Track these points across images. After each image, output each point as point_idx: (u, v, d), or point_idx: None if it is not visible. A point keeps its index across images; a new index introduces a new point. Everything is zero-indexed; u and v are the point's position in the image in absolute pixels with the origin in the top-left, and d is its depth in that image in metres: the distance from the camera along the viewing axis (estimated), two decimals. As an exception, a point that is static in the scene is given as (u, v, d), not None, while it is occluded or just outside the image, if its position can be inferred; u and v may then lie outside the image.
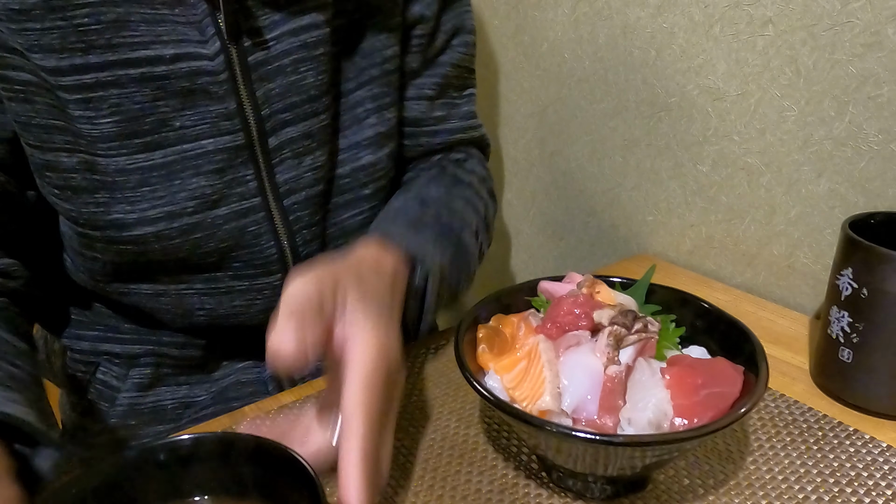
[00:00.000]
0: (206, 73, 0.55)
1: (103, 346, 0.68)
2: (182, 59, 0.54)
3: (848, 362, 0.54)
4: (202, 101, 0.55)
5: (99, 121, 0.53)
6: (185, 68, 0.54)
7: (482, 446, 0.52)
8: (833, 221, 0.67)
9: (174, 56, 0.54)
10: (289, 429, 0.41)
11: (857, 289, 0.52)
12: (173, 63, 0.54)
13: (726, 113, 0.73)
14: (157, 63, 0.53)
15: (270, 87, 0.58)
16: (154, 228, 0.57)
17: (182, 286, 0.62)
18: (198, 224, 0.58)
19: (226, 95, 0.56)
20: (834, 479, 0.48)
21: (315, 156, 0.62)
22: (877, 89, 0.61)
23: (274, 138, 0.59)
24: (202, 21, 0.54)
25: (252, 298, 0.64)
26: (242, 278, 0.63)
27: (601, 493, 0.46)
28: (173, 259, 0.59)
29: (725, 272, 0.78)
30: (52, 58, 0.51)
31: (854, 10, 0.61)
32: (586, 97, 0.88)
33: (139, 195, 0.56)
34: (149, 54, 0.53)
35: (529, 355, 0.46)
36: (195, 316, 0.64)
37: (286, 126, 0.59)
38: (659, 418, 0.43)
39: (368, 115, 0.64)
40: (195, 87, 0.55)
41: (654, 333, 0.47)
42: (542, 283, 0.55)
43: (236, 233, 0.60)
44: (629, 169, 0.86)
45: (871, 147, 0.63)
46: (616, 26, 0.81)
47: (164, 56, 0.53)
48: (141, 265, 0.60)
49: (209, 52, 0.54)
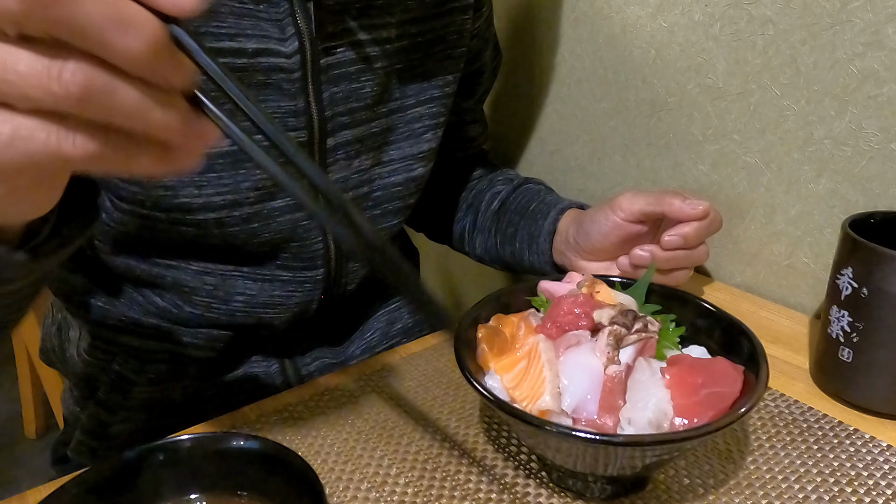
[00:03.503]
0: (282, 70, 0.57)
1: (122, 338, 0.68)
2: (262, 54, 0.56)
3: (848, 362, 0.54)
4: (273, 96, 0.58)
5: None
6: (265, 63, 0.57)
7: (482, 446, 0.52)
8: (833, 221, 0.67)
9: (256, 50, 0.56)
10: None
11: (857, 288, 0.52)
12: (254, 57, 0.56)
13: (726, 112, 0.73)
14: (240, 55, 0.56)
15: (335, 91, 0.61)
16: (216, 215, 0.59)
17: (230, 267, 0.64)
18: (256, 213, 0.61)
19: (296, 94, 0.59)
20: (834, 479, 0.48)
21: (361, 160, 0.66)
22: (877, 88, 0.61)
23: (332, 139, 0.63)
24: (283, 20, 0.56)
25: (293, 290, 0.67)
26: (288, 269, 0.66)
27: (601, 493, 0.46)
28: (230, 244, 0.62)
29: (725, 272, 0.78)
30: None
31: (854, 10, 0.61)
32: (586, 97, 0.88)
33: (206, 181, 0.58)
34: (233, 46, 0.55)
35: (529, 355, 0.46)
36: (233, 301, 0.65)
37: (344, 129, 0.63)
38: (659, 418, 0.43)
39: (426, 132, 0.69)
40: (269, 82, 0.57)
41: (654, 333, 0.47)
42: (542, 283, 0.55)
43: (289, 225, 0.63)
44: (629, 169, 0.85)
45: (872, 146, 0.63)
46: (616, 26, 0.81)
47: (247, 49, 0.56)
48: (196, 245, 0.62)
49: (287, 50, 0.57)
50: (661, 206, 0.62)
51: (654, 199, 0.62)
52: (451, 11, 0.69)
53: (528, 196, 0.78)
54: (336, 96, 0.61)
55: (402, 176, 0.69)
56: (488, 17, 0.78)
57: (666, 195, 0.62)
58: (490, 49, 0.80)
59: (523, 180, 0.82)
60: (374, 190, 0.68)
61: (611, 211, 0.64)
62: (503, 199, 0.80)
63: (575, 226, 0.69)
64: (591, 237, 0.66)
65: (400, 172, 0.69)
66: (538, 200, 0.77)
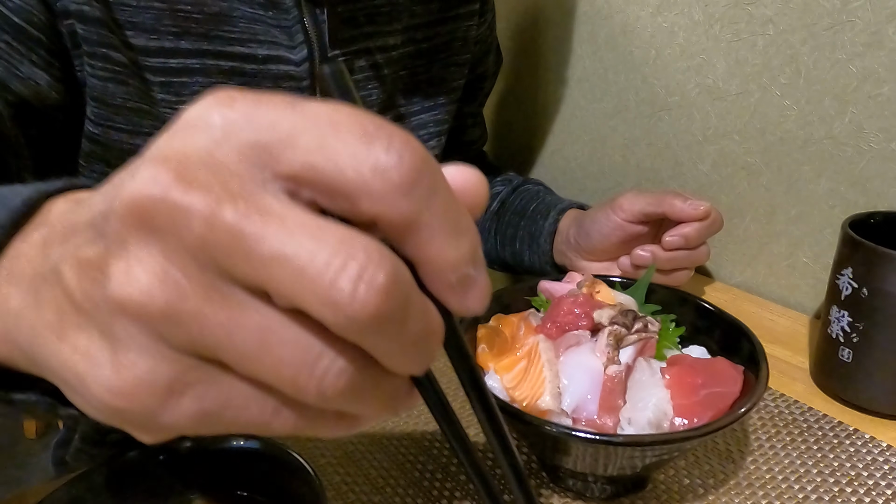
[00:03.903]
0: (291, 78, 0.57)
1: None
2: (272, 60, 0.56)
3: (848, 362, 0.54)
4: None
5: (179, 106, 0.54)
6: (274, 70, 0.56)
7: (482, 446, 0.52)
8: (833, 221, 0.67)
9: (266, 57, 0.56)
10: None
11: (857, 288, 0.52)
12: (264, 63, 0.56)
13: (726, 112, 0.73)
14: (250, 61, 0.55)
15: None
16: None
17: None
18: None
19: None
20: (834, 479, 0.48)
21: None
22: (877, 88, 0.61)
23: None
24: (292, 27, 0.56)
25: None
26: None
27: (601, 493, 0.46)
28: None
29: (725, 272, 0.78)
30: (142, 37, 0.51)
31: (854, 10, 0.61)
32: (586, 97, 0.88)
33: None
34: (243, 51, 0.55)
35: (529, 355, 0.46)
36: None
37: None
38: (659, 418, 0.43)
39: (430, 139, 0.69)
40: (278, 90, 0.57)
41: (654, 333, 0.47)
42: (542, 283, 0.55)
43: None
44: (629, 169, 0.85)
45: (872, 146, 0.63)
46: (616, 25, 0.81)
47: (258, 55, 0.55)
48: None
49: (296, 58, 0.57)
50: (662, 206, 0.62)
51: (655, 199, 0.62)
52: (456, 18, 0.69)
53: (528, 197, 0.78)
54: None
55: None
56: (491, 23, 0.78)
57: (667, 196, 0.62)
58: (493, 54, 0.81)
59: (522, 181, 0.82)
60: None
61: (611, 211, 0.64)
62: (503, 199, 0.80)
63: (575, 226, 0.69)
64: (592, 237, 0.66)
65: None
66: (538, 201, 0.77)
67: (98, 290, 0.20)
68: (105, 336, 0.20)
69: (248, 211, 0.18)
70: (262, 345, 0.19)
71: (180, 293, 0.19)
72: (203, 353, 0.20)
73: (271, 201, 0.19)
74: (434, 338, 0.21)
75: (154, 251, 0.19)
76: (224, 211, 0.18)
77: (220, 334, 0.19)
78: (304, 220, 0.18)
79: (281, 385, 0.20)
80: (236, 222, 0.18)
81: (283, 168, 0.19)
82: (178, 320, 0.19)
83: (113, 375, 0.20)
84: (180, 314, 0.19)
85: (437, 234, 0.20)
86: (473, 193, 0.22)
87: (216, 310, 0.19)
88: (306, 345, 0.19)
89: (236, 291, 0.19)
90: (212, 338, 0.19)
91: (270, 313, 0.19)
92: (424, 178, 0.19)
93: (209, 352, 0.20)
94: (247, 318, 0.19)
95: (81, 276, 0.20)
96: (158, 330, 0.19)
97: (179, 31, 0.52)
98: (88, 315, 0.20)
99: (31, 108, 0.51)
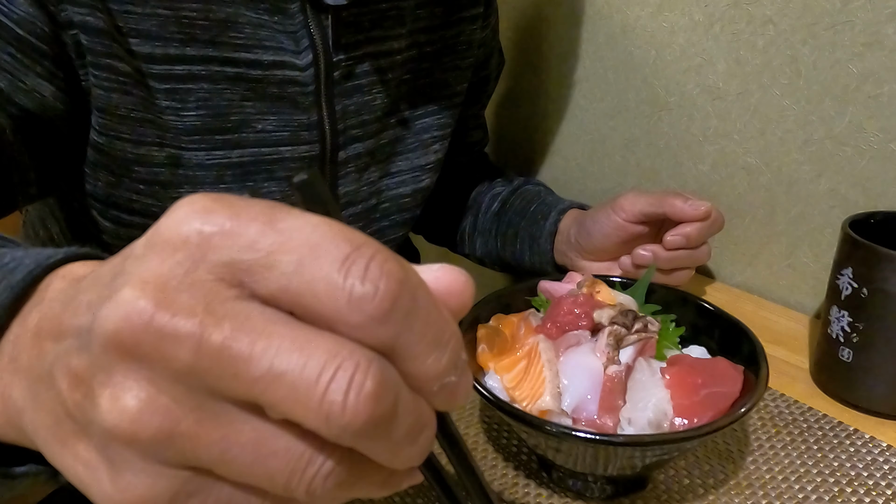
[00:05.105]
0: (296, 83, 0.57)
1: None
2: (278, 66, 0.56)
3: (848, 362, 0.54)
4: (287, 108, 0.58)
5: (184, 113, 0.54)
6: (279, 76, 0.56)
7: (482, 446, 0.52)
8: (833, 221, 0.67)
9: (271, 62, 0.56)
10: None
11: (857, 288, 0.52)
12: (269, 69, 0.56)
13: (726, 112, 0.73)
14: (255, 66, 0.55)
15: (348, 104, 0.61)
16: None
17: None
18: None
19: (310, 107, 0.59)
20: (834, 479, 0.48)
21: (370, 172, 0.66)
22: (877, 88, 0.61)
23: (343, 152, 0.63)
24: (298, 32, 0.56)
25: None
26: None
27: (601, 493, 0.46)
28: None
29: (725, 272, 0.78)
30: (147, 44, 0.51)
31: (854, 10, 0.61)
32: (586, 97, 0.88)
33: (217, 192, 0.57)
34: (249, 57, 0.55)
35: (529, 355, 0.46)
36: None
37: (355, 142, 0.63)
38: (659, 418, 0.43)
39: (434, 142, 0.70)
40: (283, 95, 0.57)
41: (654, 333, 0.47)
42: (542, 283, 0.55)
43: None
44: (629, 169, 0.85)
45: (872, 146, 0.63)
46: (616, 26, 0.81)
47: (263, 61, 0.55)
48: None
49: (301, 63, 0.57)
50: (662, 206, 0.62)
51: (656, 199, 0.62)
52: (460, 21, 0.69)
53: (529, 197, 0.78)
54: (348, 109, 0.61)
55: (411, 187, 0.70)
56: (494, 26, 0.78)
57: (667, 196, 0.62)
58: (495, 56, 0.81)
59: (523, 181, 0.82)
60: (382, 202, 0.68)
61: (612, 211, 0.64)
62: (503, 200, 0.80)
63: (576, 226, 0.69)
64: (593, 237, 0.66)
65: (408, 184, 0.69)
66: (539, 201, 0.77)
67: (88, 407, 0.20)
68: (101, 453, 0.20)
69: (233, 332, 0.18)
70: (255, 458, 0.19)
71: (171, 417, 0.19)
72: (199, 468, 0.20)
73: (256, 317, 0.19)
74: (427, 430, 0.21)
75: (140, 378, 0.19)
76: (210, 335, 0.18)
77: (213, 452, 0.19)
78: (290, 333, 0.19)
79: (273, 489, 0.20)
80: (224, 345, 0.18)
81: (260, 290, 0.19)
82: (171, 444, 0.19)
83: (116, 494, 0.20)
84: (172, 438, 0.19)
85: (416, 352, 0.20)
86: (458, 295, 0.22)
87: (208, 430, 0.19)
88: (298, 452, 0.19)
89: (227, 408, 0.19)
90: (206, 456, 0.19)
91: (262, 426, 0.19)
92: (402, 303, 0.19)
93: (204, 466, 0.20)
94: (239, 434, 0.19)
95: (72, 388, 0.20)
96: (151, 452, 0.19)
97: (185, 37, 0.52)
98: (83, 427, 0.20)
99: (36, 120, 0.51)
